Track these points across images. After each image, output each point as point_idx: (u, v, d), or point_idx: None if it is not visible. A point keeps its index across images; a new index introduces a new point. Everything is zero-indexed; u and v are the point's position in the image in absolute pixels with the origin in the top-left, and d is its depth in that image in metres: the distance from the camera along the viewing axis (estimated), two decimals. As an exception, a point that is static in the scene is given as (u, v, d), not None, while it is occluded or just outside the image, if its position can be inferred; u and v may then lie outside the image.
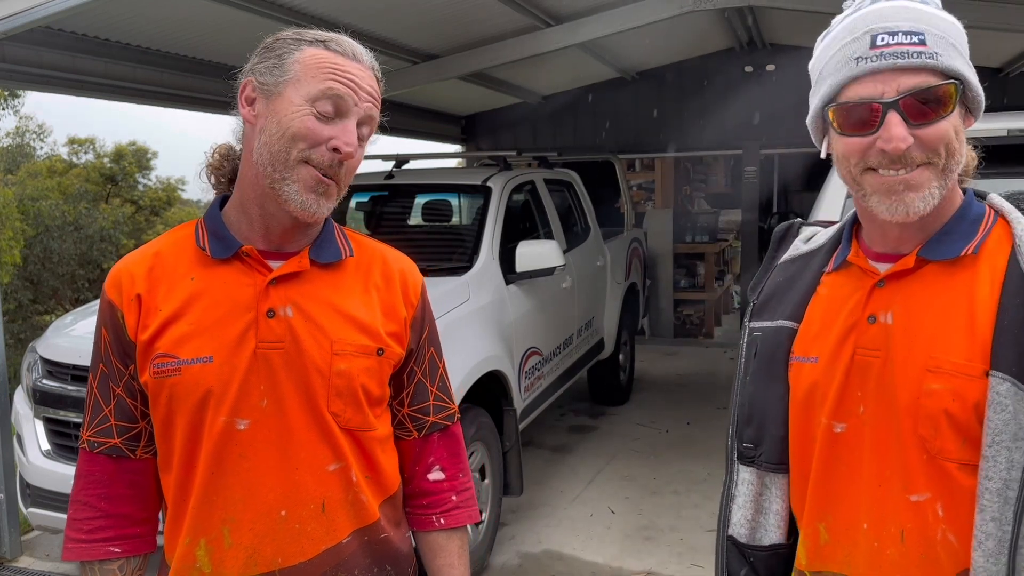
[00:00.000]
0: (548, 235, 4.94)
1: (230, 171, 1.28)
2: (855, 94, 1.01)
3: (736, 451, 1.21)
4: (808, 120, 1.11)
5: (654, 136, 8.47)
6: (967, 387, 0.98)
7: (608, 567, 3.72)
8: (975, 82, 1.02)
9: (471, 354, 3.52)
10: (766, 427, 1.17)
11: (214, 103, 5.51)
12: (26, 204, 14.98)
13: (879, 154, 1.00)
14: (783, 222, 1.34)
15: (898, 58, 0.98)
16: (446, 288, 3.64)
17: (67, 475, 2.98)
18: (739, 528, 1.21)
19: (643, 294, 6.96)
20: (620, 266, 6.18)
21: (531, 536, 4.04)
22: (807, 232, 1.27)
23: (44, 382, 3.37)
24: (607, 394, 6.22)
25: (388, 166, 5.13)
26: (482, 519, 3.65)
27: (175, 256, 1.23)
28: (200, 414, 1.16)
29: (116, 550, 1.24)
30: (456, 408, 1.40)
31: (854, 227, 1.17)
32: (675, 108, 8.33)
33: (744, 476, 1.20)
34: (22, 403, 3.59)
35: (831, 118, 1.05)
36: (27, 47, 4.27)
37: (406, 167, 5.18)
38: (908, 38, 0.98)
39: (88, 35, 4.58)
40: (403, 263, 1.35)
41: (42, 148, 20.79)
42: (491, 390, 3.81)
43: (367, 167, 5.18)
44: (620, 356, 6.20)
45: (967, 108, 1.04)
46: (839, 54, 1.03)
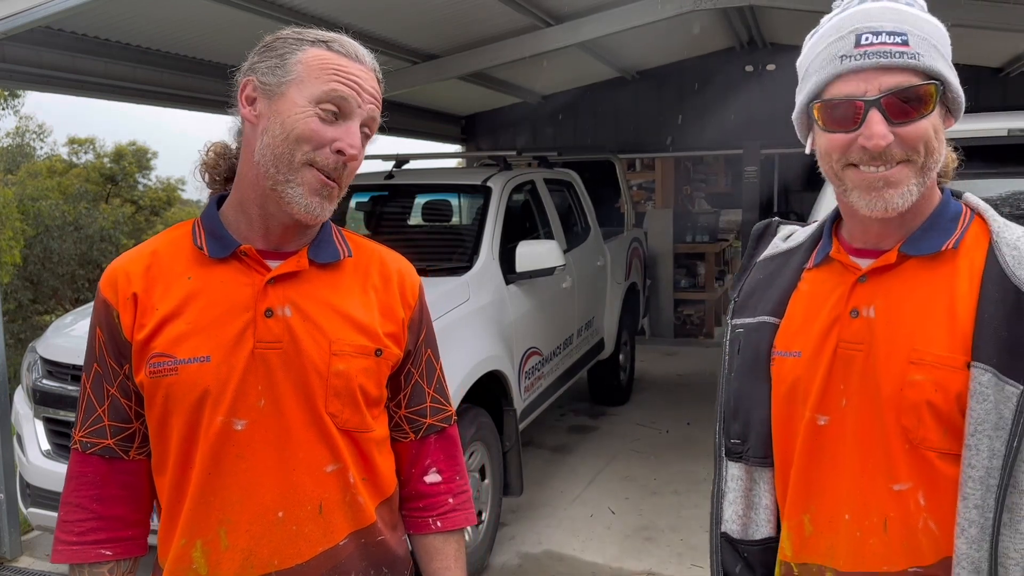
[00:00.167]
0: (548, 235, 4.93)
1: (226, 170, 1.27)
2: (839, 91, 1.03)
3: (724, 447, 1.23)
4: (794, 116, 1.13)
5: (654, 136, 8.47)
6: (949, 378, 1.01)
7: (608, 567, 3.71)
8: (956, 83, 1.04)
9: (471, 354, 3.51)
10: (751, 422, 1.19)
11: (214, 103, 5.50)
12: (26, 204, 14.97)
13: (860, 151, 1.02)
14: (761, 220, 1.36)
15: (881, 57, 1.01)
16: (446, 288, 3.64)
17: (66, 475, 2.97)
18: (731, 524, 1.22)
19: (643, 294, 6.95)
20: (620, 266, 6.17)
21: (531, 536, 4.03)
22: (785, 230, 1.30)
23: (44, 382, 3.37)
24: (607, 394, 6.21)
25: (388, 166, 5.12)
26: (481, 520, 3.65)
27: (172, 255, 1.22)
28: (197, 414, 1.15)
29: (107, 553, 1.22)
30: (453, 410, 1.39)
31: (834, 224, 1.20)
32: (675, 108, 8.32)
33: (733, 472, 1.22)
34: (22, 403, 3.58)
35: (815, 114, 1.07)
36: (27, 47, 4.27)
37: (406, 167, 5.17)
38: (891, 38, 1.01)
39: (88, 35, 4.58)
40: (401, 264, 1.34)
41: (42, 148, 20.82)
42: (491, 390, 3.80)
43: (367, 167, 5.17)
44: (620, 356, 6.20)
45: (948, 108, 1.07)
46: (825, 52, 1.06)
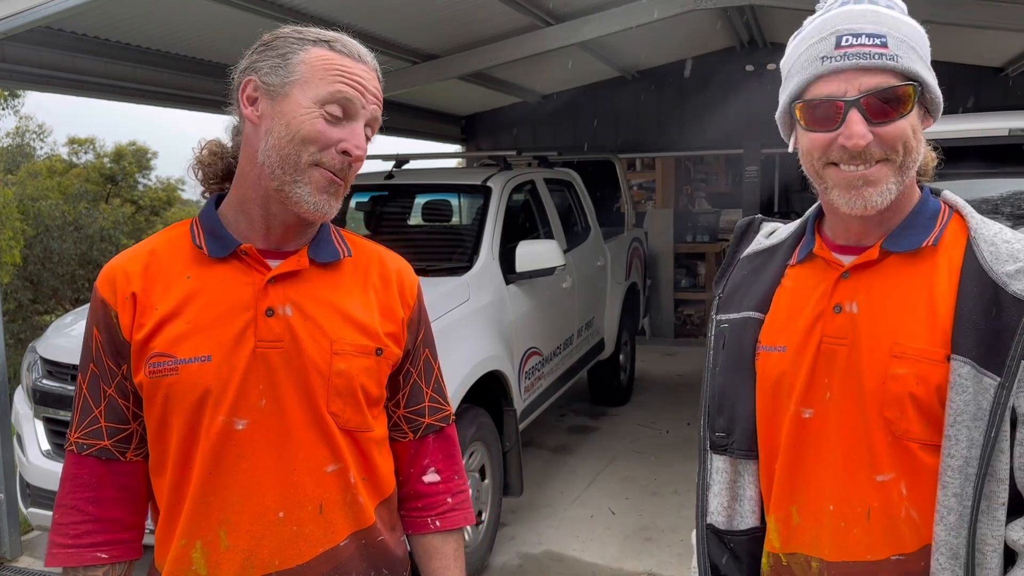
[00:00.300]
0: (548, 235, 4.93)
1: (222, 169, 1.27)
2: (820, 92, 1.06)
3: (708, 440, 1.26)
4: (777, 115, 1.16)
5: (655, 135, 8.46)
6: (930, 371, 1.04)
7: (608, 568, 3.71)
8: (934, 84, 1.07)
9: (471, 354, 3.51)
10: (736, 416, 1.22)
11: (214, 103, 5.49)
12: (26, 204, 14.96)
13: (840, 150, 1.05)
14: (744, 218, 1.39)
15: (861, 59, 1.03)
16: (446, 288, 3.63)
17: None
18: (717, 516, 1.24)
19: (643, 294, 6.94)
20: (620, 266, 6.17)
21: (531, 537, 4.03)
22: (768, 227, 1.33)
23: (44, 382, 3.37)
24: (607, 394, 6.21)
25: (388, 166, 5.12)
26: (481, 521, 3.65)
27: (170, 254, 1.22)
28: (198, 414, 1.15)
29: (103, 556, 1.21)
30: (451, 410, 1.39)
31: (817, 220, 1.22)
32: (676, 107, 8.31)
33: (718, 465, 1.25)
34: (22, 403, 3.58)
35: (797, 114, 1.10)
36: (27, 47, 4.27)
37: (406, 167, 5.17)
38: (871, 40, 1.03)
39: (88, 35, 4.57)
40: (399, 264, 1.35)
41: (42, 148, 20.78)
42: (491, 390, 3.80)
43: (367, 167, 5.14)
44: (620, 356, 6.19)
45: (926, 109, 1.09)
46: (807, 53, 1.08)
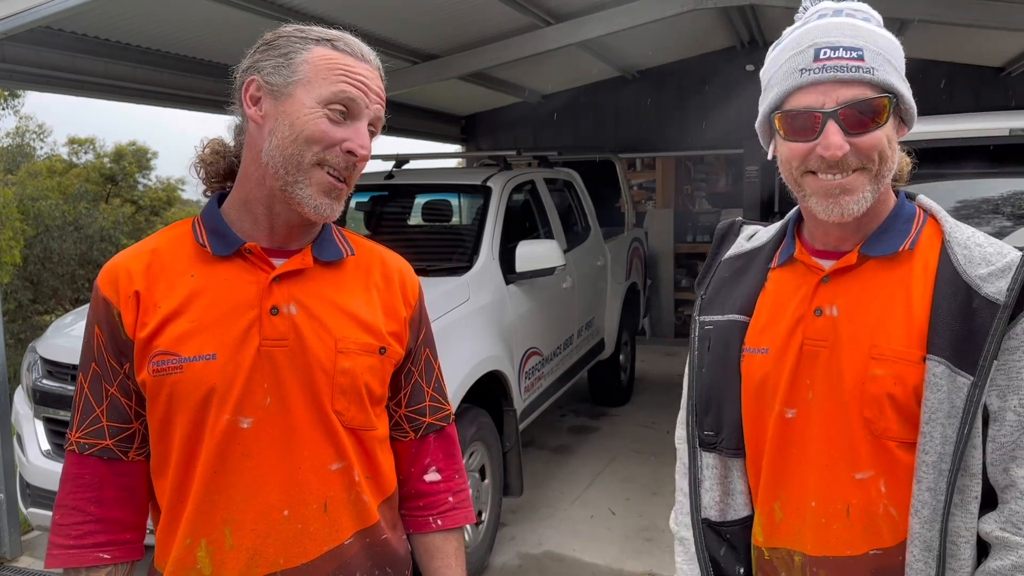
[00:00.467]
0: (548, 235, 4.93)
1: (224, 168, 1.27)
2: (798, 103, 1.09)
3: (698, 438, 1.29)
4: (756, 124, 1.19)
5: (655, 135, 8.46)
6: (907, 371, 1.08)
7: (608, 568, 3.71)
8: (908, 96, 1.11)
9: (471, 354, 3.51)
10: (724, 416, 1.25)
11: (214, 103, 5.50)
12: (26, 204, 14.96)
13: (818, 159, 1.09)
14: (725, 220, 1.42)
15: (838, 71, 1.06)
16: (446, 288, 3.63)
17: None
18: (710, 510, 1.28)
19: (644, 294, 6.94)
20: (621, 266, 6.17)
21: (531, 537, 4.03)
22: (749, 230, 1.36)
23: (44, 382, 3.37)
24: (608, 395, 6.21)
25: (388, 166, 5.12)
26: (481, 521, 3.65)
27: (173, 253, 1.21)
28: (202, 412, 1.15)
29: (106, 556, 1.20)
30: (451, 409, 1.40)
31: (796, 225, 1.26)
32: (676, 107, 8.32)
33: (708, 461, 1.29)
34: (22, 403, 3.58)
35: (777, 124, 1.13)
36: (27, 47, 4.27)
37: (406, 167, 5.17)
38: (848, 53, 1.06)
39: (88, 35, 4.57)
40: (400, 263, 1.35)
41: (42, 148, 20.80)
42: (491, 390, 3.80)
43: (367, 167, 5.15)
44: (621, 356, 6.19)
45: (901, 119, 1.13)
46: (786, 64, 1.11)
